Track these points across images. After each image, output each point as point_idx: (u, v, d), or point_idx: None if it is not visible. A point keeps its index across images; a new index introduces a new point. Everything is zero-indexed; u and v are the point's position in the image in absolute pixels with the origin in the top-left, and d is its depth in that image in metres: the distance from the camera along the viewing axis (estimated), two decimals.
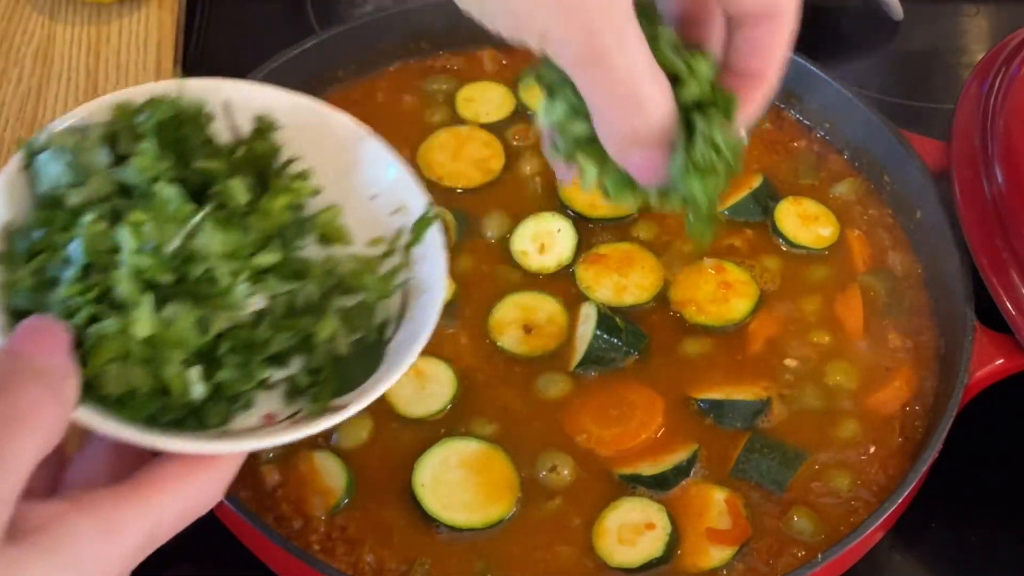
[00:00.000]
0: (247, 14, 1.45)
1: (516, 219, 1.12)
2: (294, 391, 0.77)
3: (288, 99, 0.84)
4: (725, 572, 0.93)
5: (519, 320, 1.06)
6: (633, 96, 0.66)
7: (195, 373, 0.71)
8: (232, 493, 0.76)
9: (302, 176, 0.82)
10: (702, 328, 1.06)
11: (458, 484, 0.95)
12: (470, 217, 1.13)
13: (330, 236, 0.83)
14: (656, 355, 1.05)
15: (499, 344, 1.04)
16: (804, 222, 1.14)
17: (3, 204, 0.73)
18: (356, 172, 0.84)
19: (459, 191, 1.16)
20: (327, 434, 0.98)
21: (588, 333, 1.03)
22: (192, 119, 0.79)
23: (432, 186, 1.16)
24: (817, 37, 1.45)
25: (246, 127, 0.82)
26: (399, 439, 0.99)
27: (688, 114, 0.71)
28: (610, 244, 1.11)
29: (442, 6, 1.26)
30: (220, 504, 0.74)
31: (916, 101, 1.37)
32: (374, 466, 0.97)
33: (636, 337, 1.04)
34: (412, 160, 1.17)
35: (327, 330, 0.77)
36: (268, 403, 0.76)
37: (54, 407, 0.62)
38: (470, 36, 1.28)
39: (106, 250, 0.71)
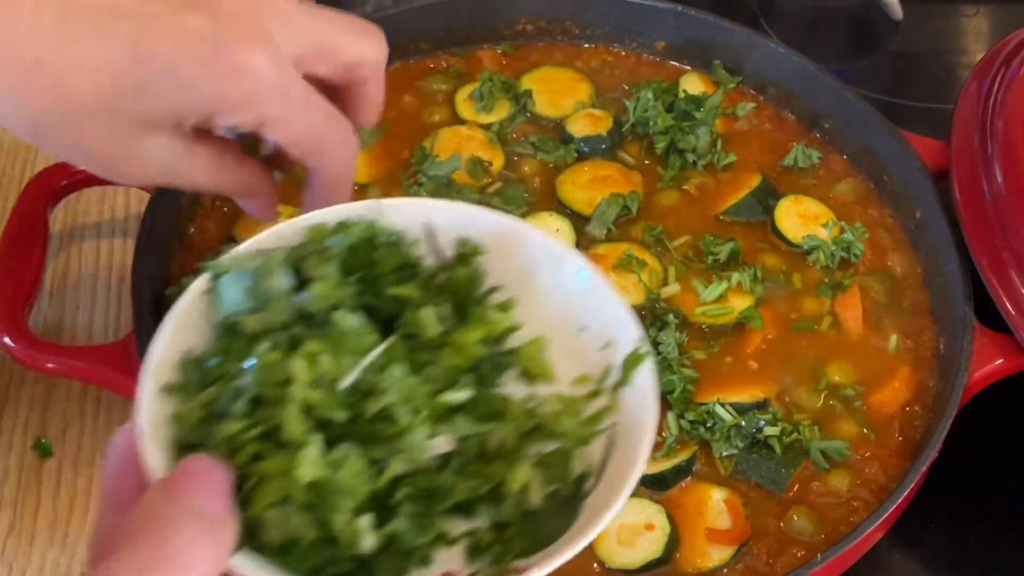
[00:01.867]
0: None
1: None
2: (476, 548, 0.69)
3: (496, 221, 0.77)
4: (725, 572, 0.93)
5: None
6: None
7: (365, 522, 0.64)
8: None
9: (504, 307, 0.75)
10: (701, 328, 1.06)
11: None
12: None
13: (533, 372, 0.75)
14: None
15: None
16: (804, 221, 1.14)
17: (183, 330, 0.68)
18: (565, 301, 0.76)
19: (458, 191, 1.15)
20: None
21: None
22: (388, 243, 0.74)
23: None
24: (817, 37, 1.46)
25: (448, 250, 0.76)
26: None
27: None
28: (608, 244, 1.11)
29: (442, 6, 1.26)
30: None
31: (916, 101, 1.37)
32: None
33: None
34: (410, 158, 1.17)
35: (520, 480, 0.69)
36: (446, 559, 0.68)
37: (209, 550, 0.57)
38: (470, 36, 1.28)
39: (278, 382, 0.65)
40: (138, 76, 0.71)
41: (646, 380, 0.71)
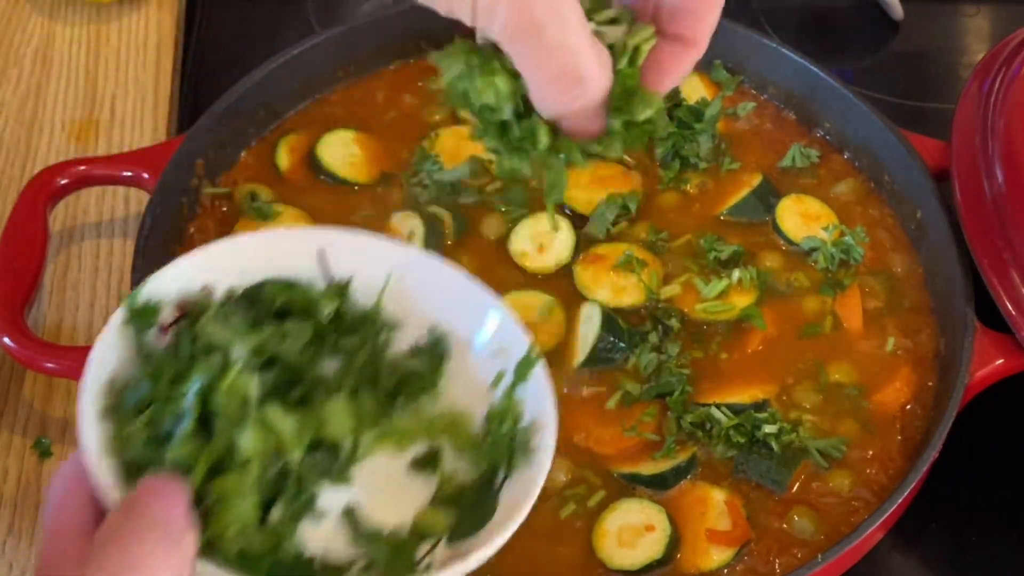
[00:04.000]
0: (247, 14, 1.45)
1: (515, 219, 1.12)
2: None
3: (377, 246, 0.82)
4: (725, 573, 0.93)
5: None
6: (571, 72, 0.62)
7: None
8: None
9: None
10: (701, 328, 1.06)
11: None
12: (469, 217, 1.13)
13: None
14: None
15: None
16: (806, 221, 1.13)
17: (108, 358, 0.72)
18: (456, 317, 0.81)
19: (460, 191, 1.15)
20: None
21: (591, 334, 1.03)
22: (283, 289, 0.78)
23: None
24: (817, 37, 1.46)
25: (341, 273, 0.80)
26: None
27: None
28: (608, 244, 1.11)
29: None
30: None
31: (916, 101, 1.37)
32: None
33: (638, 337, 1.04)
34: (410, 158, 1.17)
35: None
36: None
37: (171, 557, 0.60)
38: (470, 35, 1.28)
39: (236, 403, 0.70)
40: None
41: (540, 379, 0.78)
